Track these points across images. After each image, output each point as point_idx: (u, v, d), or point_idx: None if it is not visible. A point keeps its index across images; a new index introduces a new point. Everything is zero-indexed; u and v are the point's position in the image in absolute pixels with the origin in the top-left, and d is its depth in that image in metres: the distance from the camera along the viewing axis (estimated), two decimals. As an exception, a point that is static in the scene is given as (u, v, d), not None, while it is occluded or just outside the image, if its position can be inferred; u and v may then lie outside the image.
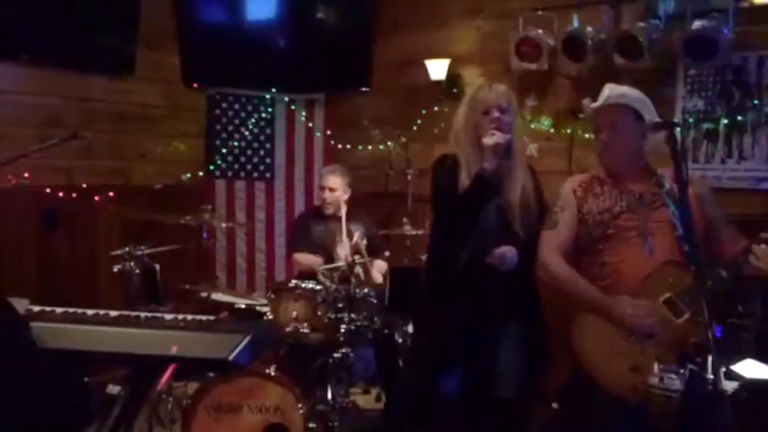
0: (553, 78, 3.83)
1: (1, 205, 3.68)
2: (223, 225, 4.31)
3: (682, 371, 1.94)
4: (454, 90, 4.18)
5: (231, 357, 1.59)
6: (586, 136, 3.60)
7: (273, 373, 2.82)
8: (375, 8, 4.53)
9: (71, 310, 1.86)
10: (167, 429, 3.00)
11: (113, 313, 1.85)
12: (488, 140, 2.30)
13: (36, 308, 1.85)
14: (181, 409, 2.92)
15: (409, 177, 3.94)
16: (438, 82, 4.17)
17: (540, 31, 3.67)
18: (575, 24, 3.56)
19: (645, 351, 2.10)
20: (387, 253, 3.59)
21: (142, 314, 1.81)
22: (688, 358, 2.01)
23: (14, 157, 2.53)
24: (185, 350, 1.62)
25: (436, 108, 4.29)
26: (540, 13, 3.73)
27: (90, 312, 1.85)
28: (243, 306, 3.39)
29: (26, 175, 3.62)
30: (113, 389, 3.65)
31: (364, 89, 4.62)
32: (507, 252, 2.33)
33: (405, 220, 3.56)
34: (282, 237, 4.90)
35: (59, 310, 1.86)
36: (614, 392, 2.13)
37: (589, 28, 3.54)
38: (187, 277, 3.62)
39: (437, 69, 4.14)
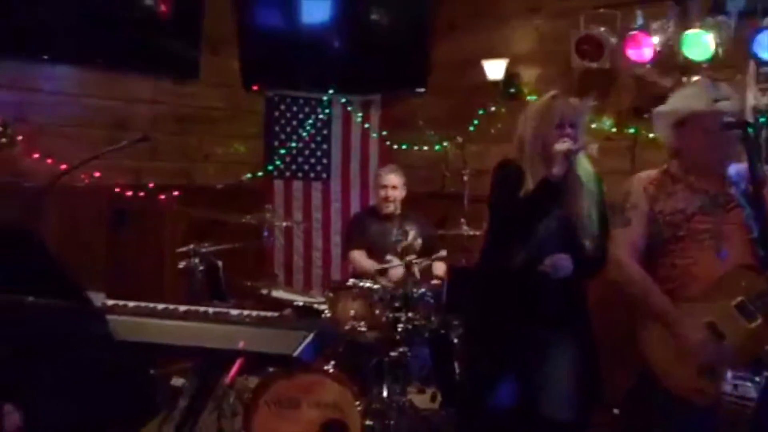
0: (615, 76, 3.75)
1: (75, 203, 3.86)
2: (284, 224, 4.40)
3: (757, 379, 1.87)
4: (512, 90, 4.15)
5: (296, 353, 1.63)
6: (650, 135, 3.51)
7: (331, 370, 2.87)
8: (432, 9, 4.53)
9: (142, 304, 1.95)
10: (229, 421, 3.08)
11: (182, 308, 1.93)
12: (560, 146, 2.26)
13: (110, 302, 1.94)
14: (243, 402, 3.00)
15: (466, 177, 3.93)
16: (495, 83, 4.14)
17: (602, 29, 3.61)
18: (639, 21, 3.48)
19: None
20: (443, 252, 3.60)
21: (210, 309, 1.88)
22: (762, 364, 1.94)
23: (89, 158, 2.66)
24: (252, 345, 1.67)
25: (492, 108, 4.26)
26: (602, 10, 3.66)
27: (160, 306, 1.93)
28: (301, 304, 3.46)
29: (97, 174, 3.79)
30: (177, 381, 3.79)
31: (420, 90, 4.63)
32: (560, 260, 2.29)
33: (462, 220, 3.55)
34: (338, 236, 4.97)
35: (131, 303, 1.95)
36: (680, 394, 2.08)
37: (654, 25, 3.45)
38: (247, 275, 3.72)
39: (495, 69, 4.11)
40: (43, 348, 1.78)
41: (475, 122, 4.33)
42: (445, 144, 4.37)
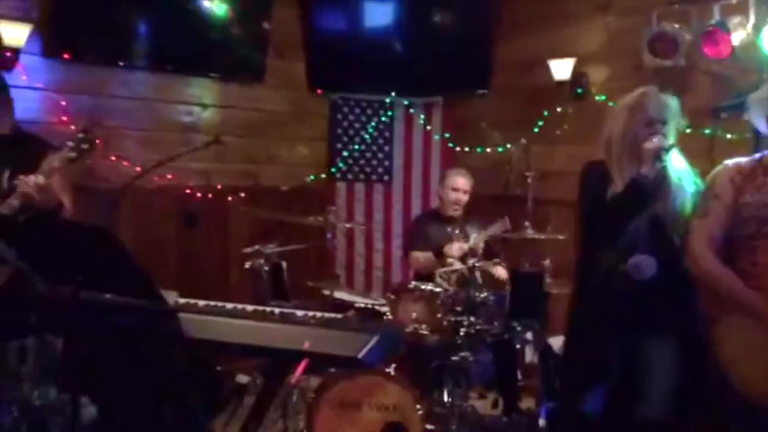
0: (690, 74, 3.59)
1: (147, 204, 4.02)
2: (348, 225, 4.44)
3: None
4: (579, 91, 4.04)
5: (360, 356, 1.64)
6: (728, 136, 3.34)
7: (393, 373, 2.87)
8: (496, 9, 4.48)
9: (212, 303, 2.00)
10: (293, 420, 3.12)
11: (249, 308, 1.97)
12: (649, 144, 2.18)
13: (182, 300, 2.00)
14: (306, 402, 3.04)
15: (530, 180, 3.85)
16: (561, 83, 4.04)
17: (676, 25, 3.46)
18: (716, 17, 3.32)
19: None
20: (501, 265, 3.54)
21: (277, 309, 1.91)
22: None
23: (165, 159, 2.77)
24: (317, 346, 1.69)
25: (558, 109, 4.16)
26: (676, 6, 3.51)
27: (228, 305, 1.98)
28: (362, 305, 3.48)
29: (169, 176, 3.93)
30: (242, 379, 3.89)
31: (483, 91, 4.58)
32: (642, 261, 2.21)
33: (527, 223, 3.48)
34: (399, 238, 4.97)
35: (201, 302, 2.01)
36: (752, 396, 1.96)
37: (732, 21, 3.28)
38: (309, 275, 3.77)
39: (561, 69, 4.01)
40: (119, 344, 1.86)
41: (540, 123, 4.24)
42: (508, 146, 4.30)
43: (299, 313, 1.89)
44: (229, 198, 4.34)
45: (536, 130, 4.25)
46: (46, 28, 3.55)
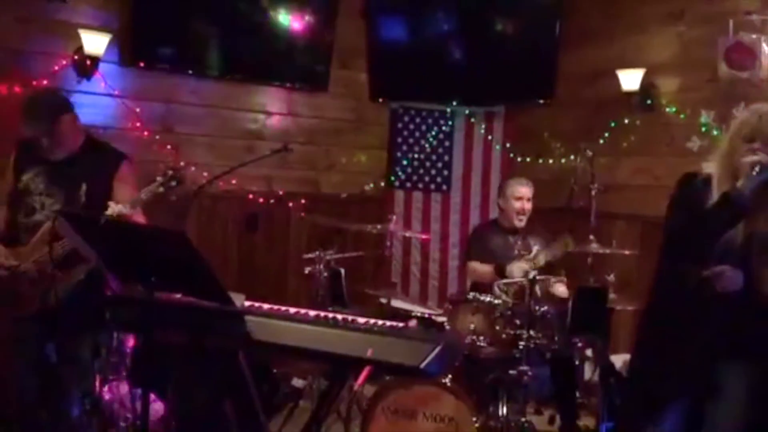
0: (768, 87, 3.44)
1: (212, 208, 4.15)
2: (408, 234, 4.46)
3: None
4: (648, 101, 3.92)
5: (423, 365, 1.62)
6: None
7: (449, 384, 2.85)
8: (561, 18, 4.41)
9: (275, 306, 2.03)
10: (348, 426, 3.14)
11: (312, 313, 1.99)
12: (747, 159, 2.10)
13: (247, 303, 2.04)
14: (361, 408, 3.05)
15: (593, 192, 3.76)
16: (630, 93, 3.94)
17: (754, 36, 3.32)
18: (798, 26, 3.17)
19: None
20: (562, 272, 3.46)
21: (339, 316, 1.93)
22: None
23: (237, 165, 2.86)
24: (379, 354, 1.69)
25: (626, 120, 4.06)
26: (754, 16, 3.37)
27: (291, 310, 2.00)
28: (419, 314, 3.47)
29: (233, 182, 4.04)
30: (297, 382, 3.94)
31: (547, 101, 4.51)
32: (727, 271, 2.11)
33: (592, 237, 3.40)
34: (456, 248, 4.94)
35: (266, 306, 2.04)
36: None
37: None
38: (365, 283, 3.80)
39: (630, 79, 3.91)
40: (188, 343, 1.91)
41: (606, 135, 4.15)
42: (572, 157, 4.22)
43: (361, 320, 1.89)
44: (290, 204, 4.42)
45: (602, 141, 4.15)
46: (124, 38, 3.72)
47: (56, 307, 2.41)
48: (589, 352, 3.70)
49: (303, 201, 4.46)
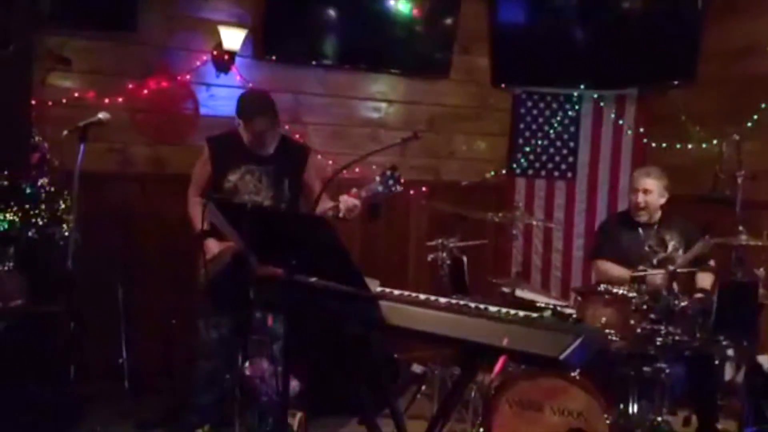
0: None
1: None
2: (534, 222, 4.36)
3: None
4: (805, 80, 3.56)
5: (562, 356, 1.58)
6: None
7: (578, 378, 2.75)
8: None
9: (406, 292, 2.06)
10: (469, 417, 3.13)
11: (442, 300, 1.99)
12: None
13: (379, 288, 2.08)
14: (483, 398, 3.02)
15: (740, 180, 3.46)
16: (783, 71, 3.59)
17: None
18: None
19: None
20: (712, 262, 3.21)
21: (471, 303, 1.91)
22: None
23: (366, 154, 2.95)
24: (516, 343, 1.66)
25: (778, 101, 3.71)
26: None
27: (422, 296, 2.02)
28: (543, 305, 3.37)
29: (357, 170, 4.13)
30: (417, 368, 3.99)
31: (686, 82, 4.20)
32: None
33: (741, 228, 3.12)
34: (581, 239, 4.75)
35: (396, 291, 2.07)
36: None
37: None
38: (485, 271, 3.74)
39: (784, 55, 3.56)
40: (325, 325, 1.99)
41: (755, 117, 3.80)
42: (715, 142, 3.91)
43: (492, 308, 1.87)
44: (411, 192, 4.45)
45: (750, 124, 3.81)
46: (258, 32, 3.90)
47: (206, 287, 2.60)
48: (730, 351, 3.43)
49: (424, 189, 4.48)
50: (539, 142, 4.78)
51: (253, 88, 3.70)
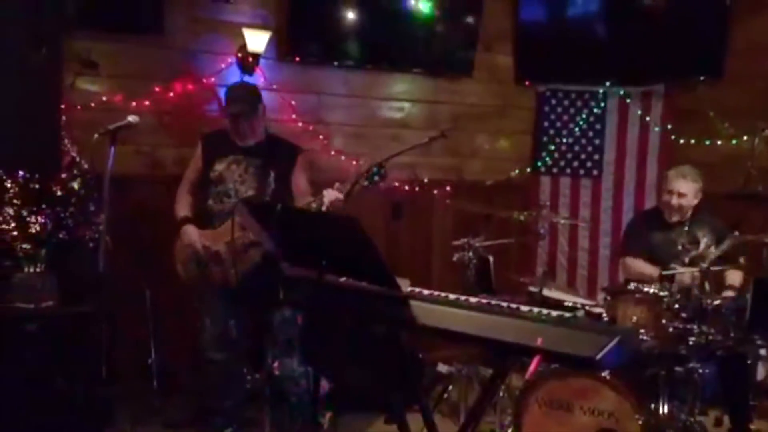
0: None
1: (359, 195, 4.24)
2: (562, 221, 4.33)
3: None
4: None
5: (598, 357, 1.56)
6: None
7: (608, 378, 2.71)
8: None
9: (435, 292, 2.04)
10: (498, 416, 3.11)
11: (472, 299, 1.98)
12: None
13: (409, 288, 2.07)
14: (513, 398, 3.00)
15: (772, 176, 3.39)
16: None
17: None
18: None
19: None
20: (742, 260, 3.15)
21: (503, 303, 1.90)
22: None
23: (392, 154, 2.93)
24: (550, 344, 1.64)
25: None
26: None
27: (452, 296, 2.00)
28: (571, 304, 3.33)
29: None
30: (443, 368, 3.97)
31: (713, 77, 4.13)
32: None
33: (776, 224, 3.06)
34: (607, 237, 4.70)
35: (426, 291, 2.06)
36: None
37: None
38: (511, 270, 3.71)
39: (817, 48, 3.48)
40: (356, 325, 1.98)
41: (786, 112, 3.73)
42: (745, 138, 3.83)
43: (523, 308, 1.85)
44: (435, 191, 4.44)
45: (781, 119, 3.74)
46: (281, 33, 3.91)
47: (236, 287, 2.61)
48: (763, 351, 3.36)
49: (447, 188, 4.46)
50: (564, 140, 4.73)
51: (244, 81, 3.69)
